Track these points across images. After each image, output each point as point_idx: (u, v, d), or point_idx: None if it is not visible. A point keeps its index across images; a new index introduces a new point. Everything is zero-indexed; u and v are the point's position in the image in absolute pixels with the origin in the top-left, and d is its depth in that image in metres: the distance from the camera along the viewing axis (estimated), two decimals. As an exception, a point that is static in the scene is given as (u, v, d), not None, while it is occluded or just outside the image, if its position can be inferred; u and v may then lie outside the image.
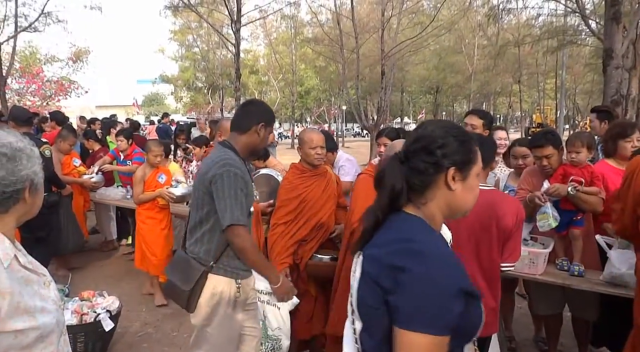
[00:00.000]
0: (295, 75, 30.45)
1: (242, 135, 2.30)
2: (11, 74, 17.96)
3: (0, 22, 15.02)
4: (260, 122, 2.29)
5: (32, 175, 1.24)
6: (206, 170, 2.20)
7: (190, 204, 2.43)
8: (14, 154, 1.20)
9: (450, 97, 34.47)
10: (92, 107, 40.90)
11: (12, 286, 1.14)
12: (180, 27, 28.99)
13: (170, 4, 14.42)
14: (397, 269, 1.05)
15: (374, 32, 18.01)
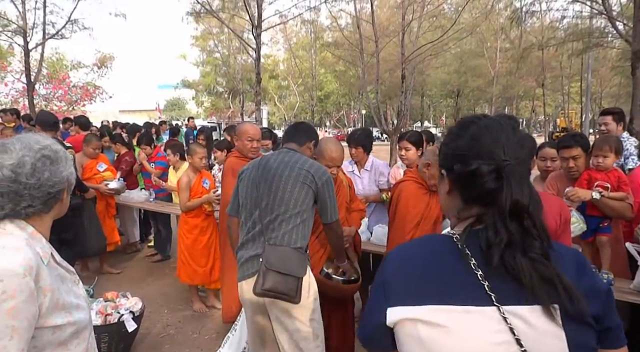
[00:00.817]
0: (315, 80, 30.57)
1: (300, 148, 2.61)
2: (39, 79, 18.50)
3: (29, 30, 15.45)
4: (312, 140, 2.70)
5: (69, 176, 1.31)
6: (295, 171, 2.39)
7: (252, 198, 2.45)
8: (56, 156, 1.26)
9: (472, 101, 34.04)
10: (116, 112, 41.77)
11: (52, 283, 1.19)
12: (202, 32, 29.42)
13: (193, 10, 14.65)
14: (598, 291, 0.91)
15: (394, 36, 17.94)
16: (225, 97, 34.51)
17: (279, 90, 36.81)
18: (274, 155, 2.54)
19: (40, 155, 1.22)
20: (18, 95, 24.88)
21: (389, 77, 22.48)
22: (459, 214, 0.97)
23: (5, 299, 1.07)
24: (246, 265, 2.42)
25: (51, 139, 1.31)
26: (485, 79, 26.34)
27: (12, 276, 1.08)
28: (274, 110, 39.98)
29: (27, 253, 1.15)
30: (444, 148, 1.03)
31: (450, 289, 0.86)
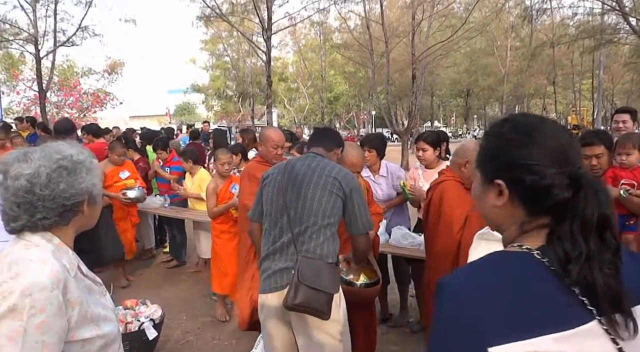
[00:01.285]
0: (325, 82, 30.56)
1: (327, 153, 2.51)
2: (50, 87, 18.69)
3: (40, 38, 15.59)
4: (340, 147, 2.61)
5: (91, 187, 1.25)
6: (322, 178, 2.28)
7: (277, 205, 2.33)
8: (75, 167, 1.21)
9: (482, 100, 33.83)
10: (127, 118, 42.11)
11: (80, 296, 1.16)
12: (211, 36, 29.55)
13: (202, 14, 14.70)
14: None
15: (404, 37, 17.87)
16: (235, 101, 34.64)
17: (289, 92, 36.86)
18: (300, 160, 2.43)
19: (57, 166, 1.17)
20: (30, 103, 25.19)
21: (398, 78, 22.41)
22: (523, 227, 0.88)
23: (35, 313, 1.04)
24: (274, 277, 2.29)
25: (77, 148, 1.26)
26: (495, 77, 26.18)
27: (41, 290, 1.06)
28: (284, 113, 40.03)
29: (54, 265, 1.12)
30: (504, 156, 0.89)
31: (553, 312, 0.78)
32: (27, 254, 1.13)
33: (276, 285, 2.28)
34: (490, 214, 0.95)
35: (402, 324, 4.05)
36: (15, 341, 1.02)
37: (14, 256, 1.14)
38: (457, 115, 41.47)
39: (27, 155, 1.17)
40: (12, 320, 1.03)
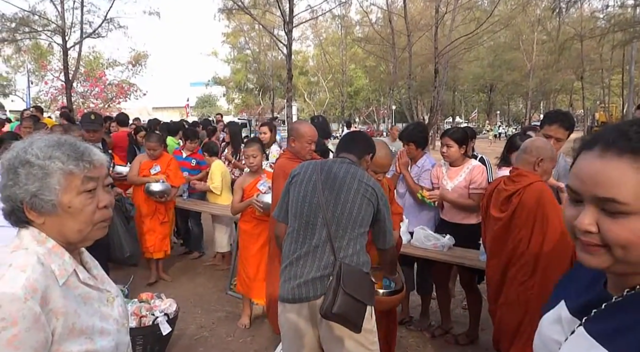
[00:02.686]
0: (345, 76, 30.39)
1: (358, 161, 2.38)
2: (77, 78, 19.03)
3: (67, 29, 15.86)
4: (370, 153, 2.47)
5: (25, 195, 1.10)
6: (362, 185, 2.19)
7: (311, 205, 2.19)
8: (15, 171, 1.10)
9: (506, 96, 33.17)
10: (149, 109, 42.70)
11: (66, 305, 1.06)
12: (233, 30, 29.64)
13: (224, 6, 14.71)
14: None
15: (427, 30, 17.58)
16: (256, 94, 34.77)
17: (309, 86, 36.79)
18: (336, 163, 2.30)
19: (24, 157, 1.08)
20: (57, 92, 25.75)
21: (420, 72, 22.13)
22: None
23: (5, 326, 0.95)
24: (305, 287, 2.12)
25: (25, 143, 1.12)
26: (520, 72, 25.60)
27: (12, 301, 0.97)
28: (304, 107, 40.00)
29: (32, 273, 1.03)
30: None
31: None
32: (9, 259, 1.06)
33: (307, 295, 2.12)
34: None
35: (422, 327, 3.96)
36: None
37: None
38: (479, 111, 40.70)
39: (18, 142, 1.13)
40: None
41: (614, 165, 0.73)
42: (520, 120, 37.53)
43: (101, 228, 1.16)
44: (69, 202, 1.08)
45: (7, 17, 15.60)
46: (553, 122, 3.11)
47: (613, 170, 0.72)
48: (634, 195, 0.71)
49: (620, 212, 0.72)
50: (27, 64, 26.26)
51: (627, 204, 0.71)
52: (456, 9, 16.55)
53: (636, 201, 0.71)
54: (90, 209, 1.10)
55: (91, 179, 1.10)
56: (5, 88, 30.84)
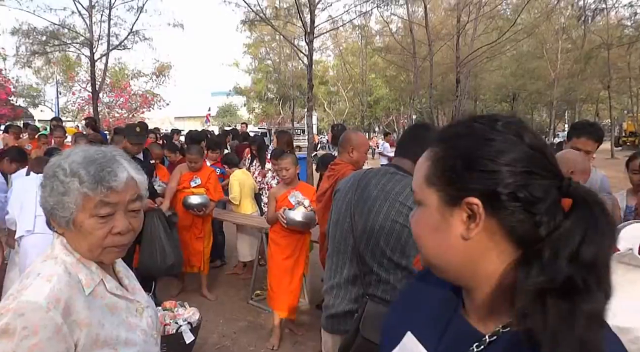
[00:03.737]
0: (365, 85, 30.40)
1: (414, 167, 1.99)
2: (103, 88, 19.51)
3: (95, 42, 16.31)
4: None
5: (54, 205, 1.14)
6: (395, 206, 1.78)
7: (343, 230, 1.92)
8: (45, 183, 1.15)
9: (529, 105, 32.62)
10: (171, 118, 43.44)
11: (90, 317, 1.06)
12: (254, 40, 30.03)
13: (247, 18, 14.92)
14: None
15: (448, 40, 17.48)
16: (276, 104, 35.03)
17: (329, 95, 36.93)
18: (376, 176, 1.91)
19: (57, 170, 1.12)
20: (84, 103, 26.42)
21: (441, 81, 21.96)
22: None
23: (27, 335, 0.96)
24: (337, 319, 1.95)
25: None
26: (544, 81, 25.12)
27: (35, 310, 0.99)
28: (323, 116, 40.13)
29: (57, 284, 1.04)
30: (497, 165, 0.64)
31: None
32: (38, 268, 1.09)
33: (339, 327, 1.96)
34: (452, 251, 0.67)
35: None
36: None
37: (32, 268, 1.10)
38: (502, 120, 40.14)
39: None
40: (4, 340, 0.96)
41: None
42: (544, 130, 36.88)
43: (112, 253, 1.13)
44: (82, 222, 1.08)
45: (38, 30, 16.16)
46: (581, 134, 2.99)
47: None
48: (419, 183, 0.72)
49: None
50: (56, 75, 27.05)
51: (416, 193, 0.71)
52: (478, 18, 16.43)
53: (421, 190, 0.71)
54: (101, 234, 1.09)
55: (107, 204, 1.08)
56: (35, 99, 31.80)
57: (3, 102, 20.38)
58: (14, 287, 1.06)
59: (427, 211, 0.70)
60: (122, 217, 1.11)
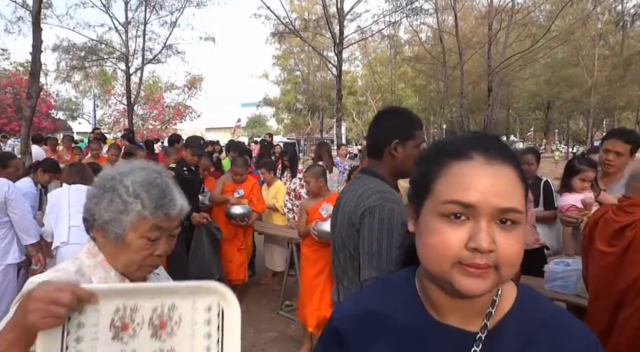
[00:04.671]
0: (394, 95, 30.27)
1: (379, 162, 1.75)
2: (137, 101, 20.13)
3: (130, 56, 16.89)
4: (394, 140, 1.69)
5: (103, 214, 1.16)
6: (351, 205, 1.66)
7: (332, 245, 1.83)
8: (102, 194, 1.17)
9: (564, 114, 31.73)
10: (202, 129, 44.28)
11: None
12: (284, 52, 30.41)
13: (276, 30, 15.15)
14: None
15: (479, 48, 17.24)
16: (305, 114, 35.27)
17: (357, 106, 36.93)
18: (354, 181, 1.82)
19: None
20: (119, 115, 27.30)
21: (472, 90, 21.65)
22: None
23: None
24: None
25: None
26: (581, 89, 24.40)
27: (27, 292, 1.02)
28: (352, 126, 40.13)
29: (60, 276, 1.08)
30: None
31: None
32: (58, 266, 1.14)
33: None
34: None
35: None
36: None
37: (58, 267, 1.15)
38: (536, 130, 39.17)
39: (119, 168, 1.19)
40: None
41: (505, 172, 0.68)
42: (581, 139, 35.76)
43: (144, 271, 1.18)
44: (130, 240, 1.11)
45: (77, 46, 16.86)
46: (611, 136, 3.01)
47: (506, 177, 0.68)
48: (521, 202, 0.68)
49: (515, 222, 0.67)
50: (93, 89, 28.09)
51: (522, 212, 0.67)
52: (510, 26, 16.16)
53: (523, 208, 0.68)
54: (145, 254, 1.13)
55: (159, 228, 1.13)
56: (74, 112, 33.10)
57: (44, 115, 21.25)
58: None
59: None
60: (165, 241, 1.16)
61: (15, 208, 3.11)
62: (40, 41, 8.15)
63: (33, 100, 8.15)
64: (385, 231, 1.52)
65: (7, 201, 3.06)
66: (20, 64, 22.88)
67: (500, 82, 17.28)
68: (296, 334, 4.29)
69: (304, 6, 21.91)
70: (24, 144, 8.21)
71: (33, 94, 8.14)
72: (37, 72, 8.31)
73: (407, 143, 1.70)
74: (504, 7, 16.22)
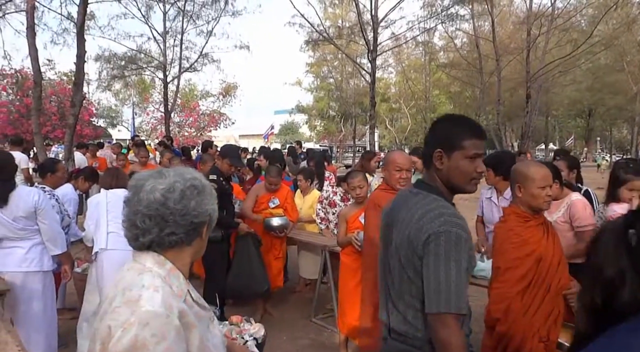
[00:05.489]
0: (428, 102, 29.94)
1: (430, 170, 1.64)
2: (174, 109, 20.64)
3: (168, 65, 17.36)
4: (436, 149, 1.59)
5: (212, 212, 1.27)
6: (411, 227, 1.54)
7: (383, 263, 1.73)
8: (203, 189, 1.24)
9: (607, 121, 30.54)
10: (236, 136, 44.99)
11: (194, 320, 1.17)
12: (317, 60, 30.60)
13: (310, 38, 15.26)
14: None
15: (517, 54, 16.82)
16: (337, 121, 35.32)
17: (390, 113, 36.70)
18: (404, 194, 1.72)
19: (190, 184, 1.21)
20: (157, 122, 28.07)
21: (509, 97, 21.14)
22: None
23: (158, 341, 1.05)
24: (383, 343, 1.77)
25: (199, 174, 1.30)
26: (625, 96, 23.44)
27: (157, 317, 1.07)
28: (384, 134, 39.89)
29: (165, 291, 1.13)
30: None
31: None
32: (139, 281, 1.15)
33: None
34: None
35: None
36: None
37: (127, 282, 1.16)
38: (577, 137, 37.81)
39: (161, 173, 1.22)
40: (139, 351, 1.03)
41: None
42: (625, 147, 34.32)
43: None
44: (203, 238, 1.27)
45: (118, 56, 17.47)
46: None
47: None
48: None
49: None
50: (132, 97, 29.02)
51: None
52: (550, 31, 15.71)
53: None
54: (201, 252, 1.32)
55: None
56: (114, 119, 34.29)
57: (86, 123, 22.08)
58: (117, 300, 1.12)
59: None
60: None
61: (44, 218, 3.13)
62: (84, 51, 8.49)
63: (76, 109, 8.48)
64: (453, 260, 1.43)
65: (37, 210, 3.09)
66: (64, 73, 23.89)
67: (539, 89, 16.81)
68: (329, 341, 4.25)
69: (338, 14, 21.98)
70: (67, 150, 8.53)
71: (77, 102, 8.47)
72: (80, 81, 8.65)
73: (452, 154, 1.56)
74: (544, 12, 15.80)
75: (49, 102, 21.75)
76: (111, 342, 1.04)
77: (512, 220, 2.43)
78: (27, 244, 3.14)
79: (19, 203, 3.05)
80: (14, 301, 3.07)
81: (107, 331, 1.06)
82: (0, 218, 3.05)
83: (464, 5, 14.67)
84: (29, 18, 8.28)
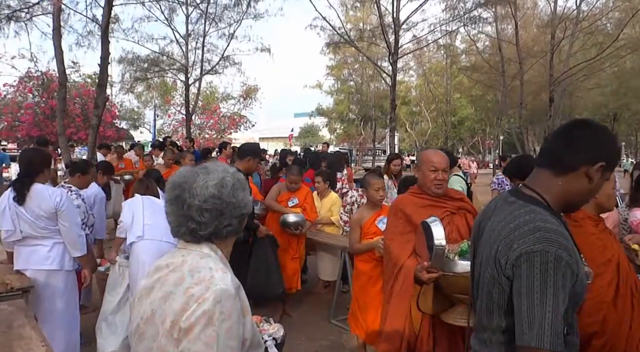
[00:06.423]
0: (449, 105, 29.67)
1: (560, 178, 1.35)
2: (195, 111, 20.90)
3: (189, 68, 17.59)
4: (599, 162, 1.31)
5: (251, 204, 1.35)
6: (499, 241, 1.31)
7: (472, 274, 1.55)
8: (243, 182, 1.30)
9: (633, 126, 29.79)
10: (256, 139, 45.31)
11: (247, 306, 1.23)
12: (337, 62, 30.60)
13: (331, 40, 15.28)
14: None
15: (540, 57, 16.55)
16: (357, 124, 35.25)
17: (411, 116, 36.48)
18: (502, 207, 1.43)
19: (237, 178, 1.28)
20: (178, 124, 28.42)
21: (532, 101, 20.79)
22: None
23: (224, 319, 1.11)
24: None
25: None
26: (652, 100, 22.83)
27: (228, 297, 1.12)
28: (404, 137, 39.65)
29: (231, 273, 1.20)
30: None
31: None
32: (204, 263, 1.20)
33: None
34: None
35: None
36: (211, 346, 1.09)
37: (193, 264, 1.20)
38: (601, 142, 36.88)
39: (207, 168, 1.27)
40: (206, 326, 1.09)
41: None
42: (651, 153, 33.43)
43: None
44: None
45: (141, 58, 17.77)
46: None
47: None
48: None
49: None
50: (154, 99, 29.45)
51: None
52: (575, 34, 15.42)
53: None
54: None
55: None
56: (136, 121, 34.86)
57: (109, 125, 22.50)
58: (187, 281, 1.16)
59: None
60: None
61: (64, 220, 3.15)
62: (107, 53, 8.65)
63: (100, 110, 8.64)
64: (550, 287, 1.18)
65: (58, 212, 3.12)
66: (88, 75, 24.40)
67: (563, 93, 16.52)
68: (348, 343, 4.24)
69: (359, 16, 21.98)
70: (91, 151, 8.69)
71: (100, 103, 8.63)
72: (104, 83, 8.82)
73: (606, 172, 1.34)
74: (569, 14, 15.51)
75: (73, 104, 22.24)
76: (184, 315, 1.10)
77: (588, 224, 2.23)
78: (49, 243, 3.19)
79: (41, 203, 3.09)
80: (37, 298, 3.12)
81: (182, 306, 1.12)
82: (23, 216, 3.10)
83: (486, 8, 14.51)
84: (55, 20, 8.48)
